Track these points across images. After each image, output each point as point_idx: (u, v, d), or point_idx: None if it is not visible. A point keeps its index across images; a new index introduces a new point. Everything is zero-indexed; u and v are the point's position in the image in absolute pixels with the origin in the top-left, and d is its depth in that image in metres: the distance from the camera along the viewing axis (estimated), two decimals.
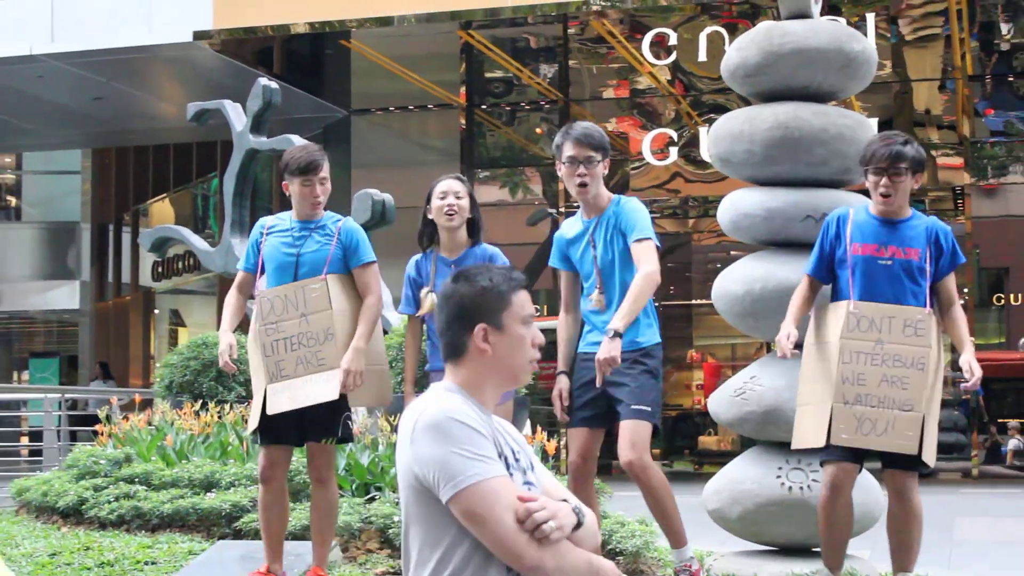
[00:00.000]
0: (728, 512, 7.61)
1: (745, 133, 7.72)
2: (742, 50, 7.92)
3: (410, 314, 6.90)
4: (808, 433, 6.39)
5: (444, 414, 3.43)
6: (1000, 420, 19.08)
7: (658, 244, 6.60)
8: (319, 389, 6.67)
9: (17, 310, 32.86)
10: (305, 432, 6.80)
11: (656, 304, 6.86)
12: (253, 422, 6.86)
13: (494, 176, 20.97)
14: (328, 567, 7.08)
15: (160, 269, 27.49)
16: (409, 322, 6.89)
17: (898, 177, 6.33)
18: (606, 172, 6.74)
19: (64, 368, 32.30)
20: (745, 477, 7.55)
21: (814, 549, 7.66)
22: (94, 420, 11.74)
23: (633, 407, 6.49)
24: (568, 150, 6.61)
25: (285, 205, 7.22)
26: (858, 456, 6.39)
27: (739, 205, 7.80)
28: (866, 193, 7.79)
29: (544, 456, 8.56)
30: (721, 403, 7.73)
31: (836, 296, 6.50)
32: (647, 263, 6.48)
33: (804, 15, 7.96)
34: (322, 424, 6.76)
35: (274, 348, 6.76)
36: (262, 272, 6.97)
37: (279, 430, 6.77)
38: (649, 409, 6.52)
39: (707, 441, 21.42)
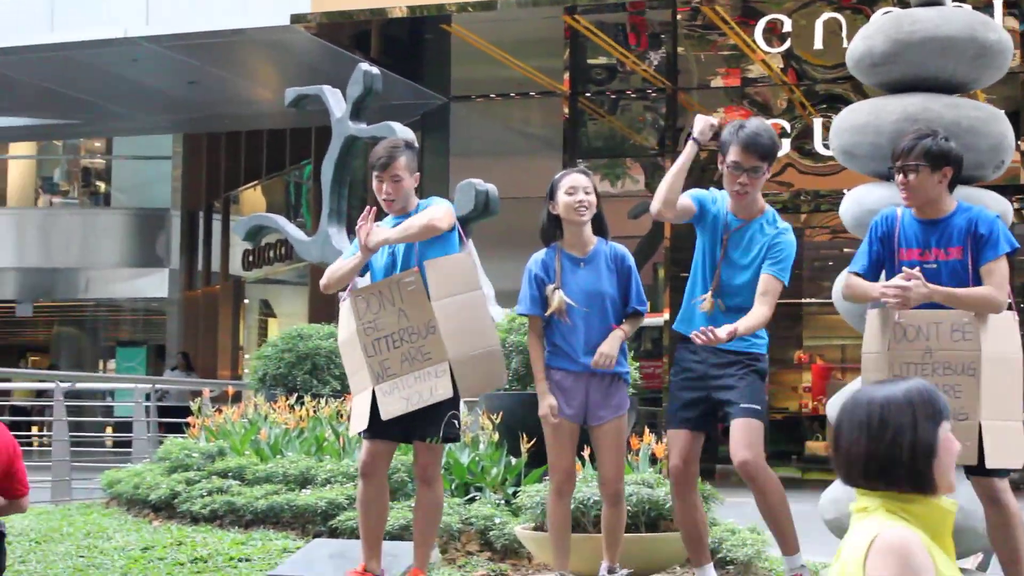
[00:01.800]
0: (846, 523, 7.27)
1: (871, 125, 7.35)
2: (868, 38, 7.55)
3: (534, 314, 6.57)
4: None
5: None
6: None
7: (785, 284, 6.41)
8: (432, 387, 6.42)
9: (104, 298, 32.86)
10: (410, 429, 6.57)
11: None
12: (357, 423, 6.61)
13: (596, 166, 20.56)
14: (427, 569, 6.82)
15: (251, 258, 27.25)
16: (531, 323, 6.59)
17: (912, 173, 5.98)
18: (767, 175, 6.41)
19: (151, 358, 32.38)
20: None
21: None
22: (179, 412, 11.61)
23: (744, 406, 6.23)
24: (734, 154, 6.27)
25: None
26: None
27: (863, 201, 7.43)
28: (997, 189, 7.39)
29: (654, 459, 8.25)
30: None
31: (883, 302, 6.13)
32: (770, 304, 6.31)
33: (936, 2, 7.56)
34: (427, 421, 6.53)
35: (376, 347, 6.53)
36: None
37: (383, 424, 6.53)
38: (760, 408, 6.28)
39: (814, 447, 20.80)
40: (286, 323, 26.66)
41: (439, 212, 6.45)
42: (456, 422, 6.66)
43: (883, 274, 6.16)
